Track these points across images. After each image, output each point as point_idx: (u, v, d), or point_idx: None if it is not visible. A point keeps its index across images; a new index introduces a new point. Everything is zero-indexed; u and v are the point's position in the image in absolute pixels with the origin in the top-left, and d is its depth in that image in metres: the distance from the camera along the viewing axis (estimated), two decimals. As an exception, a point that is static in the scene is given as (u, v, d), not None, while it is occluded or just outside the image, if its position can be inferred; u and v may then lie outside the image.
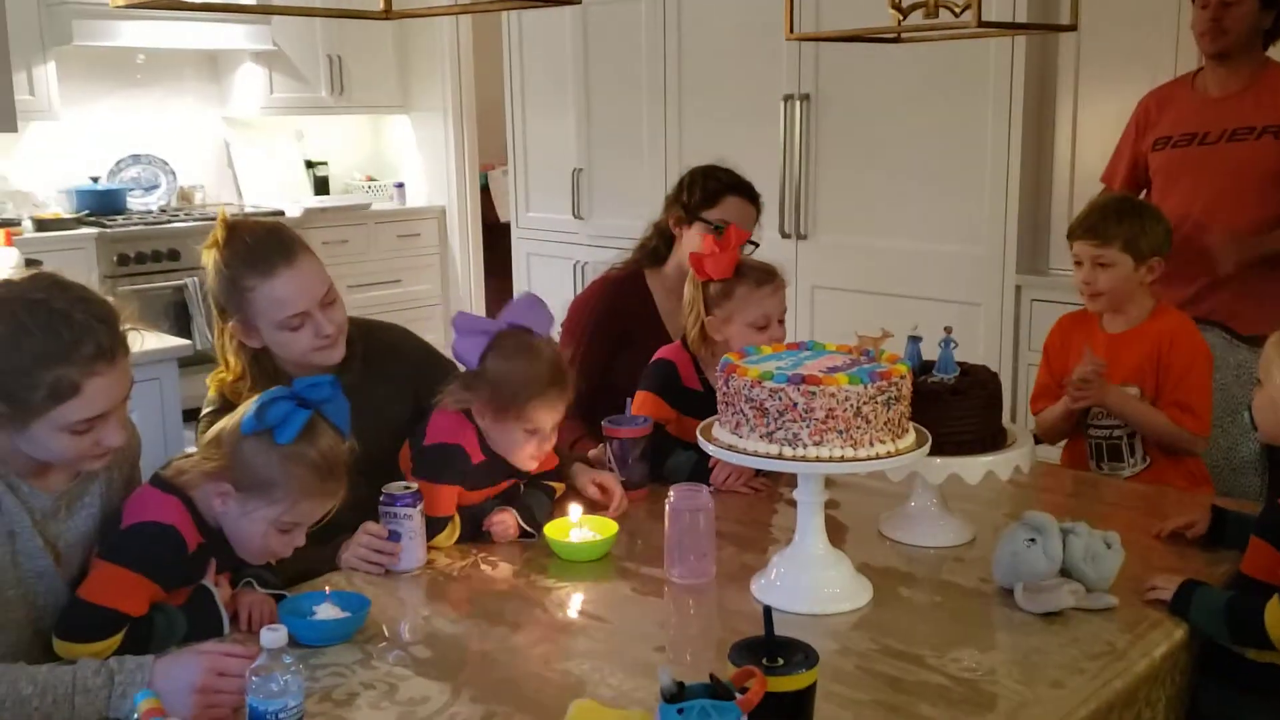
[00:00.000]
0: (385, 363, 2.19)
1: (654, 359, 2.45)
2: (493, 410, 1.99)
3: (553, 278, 5.30)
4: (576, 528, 2.02)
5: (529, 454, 2.03)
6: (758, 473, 2.26)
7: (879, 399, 1.66)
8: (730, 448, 1.73)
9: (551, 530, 2.02)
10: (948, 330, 1.98)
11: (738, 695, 1.17)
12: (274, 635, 1.36)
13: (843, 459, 1.66)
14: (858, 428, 1.65)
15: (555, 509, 2.13)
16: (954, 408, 1.92)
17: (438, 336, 6.97)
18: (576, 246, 5.30)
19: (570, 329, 2.75)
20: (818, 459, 1.66)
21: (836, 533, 1.85)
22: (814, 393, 1.64)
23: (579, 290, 3.81)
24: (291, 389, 1.73)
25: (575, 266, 5.28)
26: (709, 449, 1.80)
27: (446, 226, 6.97)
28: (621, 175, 5.06)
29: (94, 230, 5.49)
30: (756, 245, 2.61)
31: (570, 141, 5.27)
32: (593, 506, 2.13)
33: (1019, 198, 3.83)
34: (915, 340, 2.04)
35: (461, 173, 6.89)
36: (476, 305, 6.88)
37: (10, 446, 1.58)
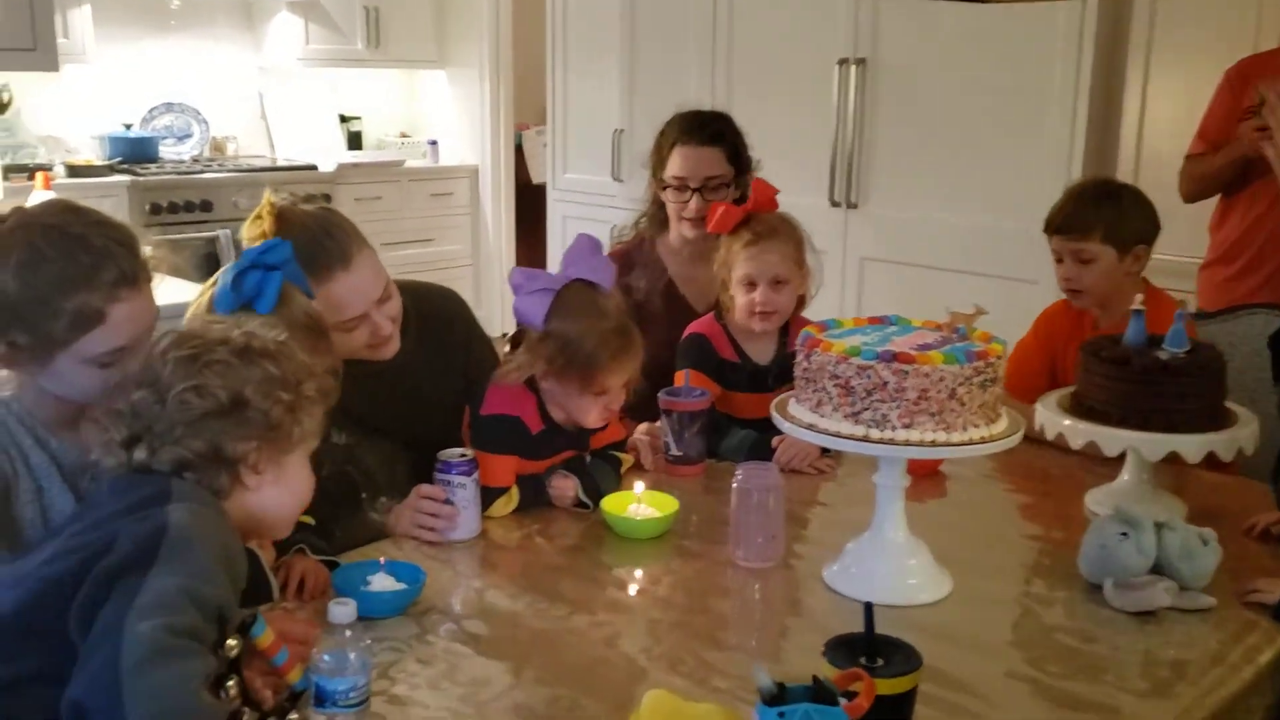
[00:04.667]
0: (439, 334, 2.10)
1: (685, 334, 2.37)
2: (560, 374, 1.90)
3: (590, 241, 5.19)
4: (636, 503, 1.93)
5: (597, 415, 1.96)
6: (824, 452, 2.17)
7: (975, 380, 1.56)
8: (811, 427, 1.63)
9: (610, 504, 1.93)
10: (1181, 304, 1.88)
11: (843, 700, 1.08)
12: (344, 610, 1.29)
13: (934, 444, 1.56)
14: (951, 410, 1.55)
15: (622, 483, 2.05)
16: (1175, 385, 1.86)
17: (468, 298, 6.88)
18: (614, 210, 5.17)
19: None
20: (907, 443, 1.55)
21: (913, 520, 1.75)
22: (906, 371, 1.53)
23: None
24: (250, 260, 1.63)
25: (613, 230, 5.16)
26: (784, 427, 1.70)
27: (479, 186, 6.86)
28: (664, 138, 4.93)
29: (126, 178, 5.40)
30: (724, 180, 2.58)
31: (612, 102, 5.14)
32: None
33: (1082, 172, 3.69)
34: (1139, 314, 1.96)
35: (496, 132, 6.76)
36: (507, 267, 6.77)
37: (37, 391, 1.52)
